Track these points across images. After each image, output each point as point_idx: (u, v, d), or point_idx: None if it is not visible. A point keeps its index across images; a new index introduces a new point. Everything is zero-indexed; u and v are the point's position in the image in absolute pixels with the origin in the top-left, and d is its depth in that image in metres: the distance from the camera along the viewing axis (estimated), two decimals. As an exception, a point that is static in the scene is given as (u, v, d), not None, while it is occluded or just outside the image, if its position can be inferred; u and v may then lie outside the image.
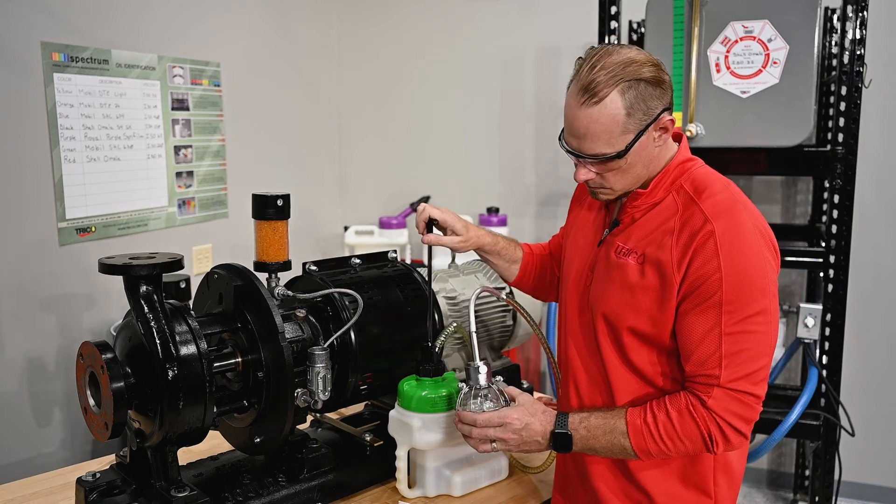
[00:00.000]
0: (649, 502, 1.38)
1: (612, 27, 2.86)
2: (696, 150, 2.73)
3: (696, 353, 1.26)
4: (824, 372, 2.66)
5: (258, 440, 1.47)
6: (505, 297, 1.64)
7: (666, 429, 1.27)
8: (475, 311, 1.85)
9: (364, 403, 1.81)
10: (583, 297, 1.43)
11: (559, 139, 1.35)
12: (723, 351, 1.23)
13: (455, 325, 1.67)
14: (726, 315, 1.23)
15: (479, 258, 1.79)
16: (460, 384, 1.43)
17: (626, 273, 1.33)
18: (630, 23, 3.23)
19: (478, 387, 1.38)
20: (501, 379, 1.43)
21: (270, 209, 1.50)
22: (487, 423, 1.34)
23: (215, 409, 1.38)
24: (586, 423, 1.32)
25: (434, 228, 1.54)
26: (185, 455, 1.51)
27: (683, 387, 1.31)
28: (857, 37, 2.50)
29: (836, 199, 2.60)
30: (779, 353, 2.94)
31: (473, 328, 1.42)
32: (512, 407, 1.36)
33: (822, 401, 2.69)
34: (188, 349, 1.30)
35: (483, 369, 1.38)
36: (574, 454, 1.40)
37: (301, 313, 1.51)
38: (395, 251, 1.79)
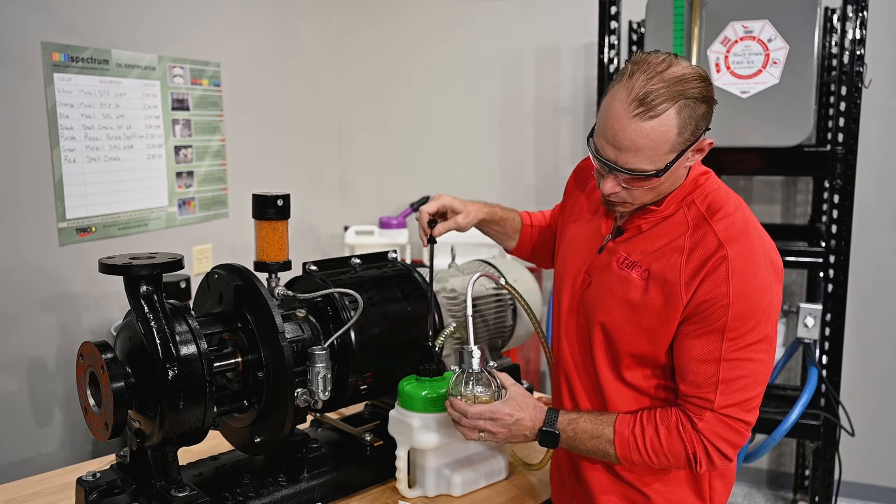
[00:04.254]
0: (646, 501, 1.39)
1: (612, 27, 2.86)
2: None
3: (692, 375, 1.25)
4: (824, 372, 2.66)
5: (258, 440, 1.47)
6: (504, 284, 1.64)
7: (652, 444, 1.28)
8: (473, 303, 1.85)
9: (364, 403, 1.81)
10: (578, 298, 1.42)
11: (588, 143, 1.28)
12: (720, 377, 1.23)
13: (455, 325, 1.67)
14: (728, 342, 1.22)
15: (479, 259, 1.79)
16: (453, 367, 1.44)
17: (629, 288, 1.30)
18: (630, 23, 3.23)
19: (470, 371, 1.39)
20: (495, 364, 1.44)
21: (270, 209, 1.50)
22: (478, 416, 1.35)
23: (215, 409, 1.38)
24: (574, 425, 1.34)
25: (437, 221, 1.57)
26: (185, 455, 1.51)
27: (675, 401, 1.31)
28: (857, 37, 2.50)
29: (836, 199, 2.60)
30: (779, 353, 2.94)
31: (470, 311, 1.42)
32: (503, 401, 1.36)
33: (822, 401, 2.69)
34: (188, 349, 1.30)
35: (476, 353, 1.39)
36: (569, 455, 1.43)
37: (301, 313, 1.51)
38: (395, 251, 1.79)
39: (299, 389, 1.42)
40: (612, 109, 1.21)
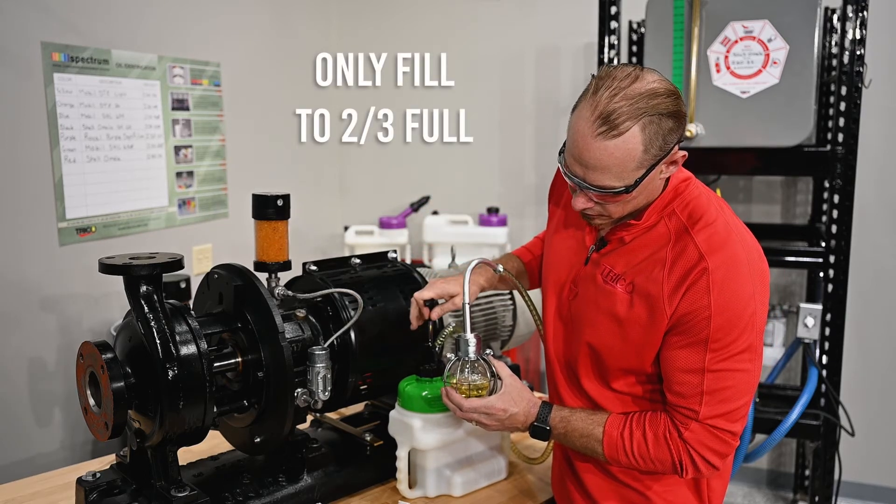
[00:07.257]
0: (646, 502, 1.39)
1: (612, 27, 2.86)
2: (696, 150, 2.75)
3: (677, 385, 1.26)
4: (824, 372, 2.66)
5: (258, 440, 1.47)
6: (503, 272, 1.63)
7: (640, 448, 1.29)
8: (475, 303, 1.85)
9: (364, 403, 1.81)
10: (566, 308, 1.42)
11: (560, 160, 1.28)
12: (704, 388, 1.23)
13: (455, 324, 1.67)
14: (711, 353, 1.22)
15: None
16: (449, 355, 1.44)
17: (614, 302, 1.30)
18: (630, 23, 3.23)
19: (466, 359, 1.39)
20: (491, 352, 1.44)
21: (270, 209, 1.50)
22: (473, 410, 1.37)
23: (215, 409, 1.38)
24: (566, 423, 1.35)
25: (434, 302, 1.55)
26: (185, 455, 1.51)
27: (664, 406, 1.31)
28: (857, 37, 2.50)
29: (836, 199, 2.60)
30: (779, 353, 2.94)
31: (467, 299, 1.43)
32: (498, 396, 1.37)
33: (822, 401, 2.69)
34: (188, 349, 1.30)
35: (472, 341, 1.39)
36: (568, 459, 1.45)
37: (301, 313, 1.51)
38: (395, 251, 1.79)
39: (299, 389, 1.42)
40: (578, 127, 1.21)
